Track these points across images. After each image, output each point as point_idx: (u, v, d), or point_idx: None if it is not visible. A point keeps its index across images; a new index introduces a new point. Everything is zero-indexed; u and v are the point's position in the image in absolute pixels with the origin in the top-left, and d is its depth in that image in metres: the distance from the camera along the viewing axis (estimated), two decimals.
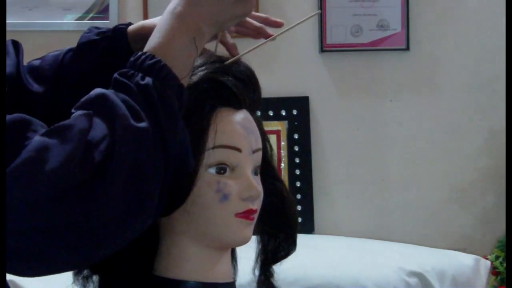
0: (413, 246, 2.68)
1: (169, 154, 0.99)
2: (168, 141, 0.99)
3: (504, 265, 2.66)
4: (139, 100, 0.99)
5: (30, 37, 2.77)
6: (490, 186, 2.89)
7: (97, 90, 1.00)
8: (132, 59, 1.04)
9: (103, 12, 2.80)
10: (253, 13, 1.31)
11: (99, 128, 0.95)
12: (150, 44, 1.06)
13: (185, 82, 1.05)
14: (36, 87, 1.30)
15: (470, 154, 2.90)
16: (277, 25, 1.29)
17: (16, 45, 1.33)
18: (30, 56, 1.42)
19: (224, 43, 1.28)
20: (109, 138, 0.95)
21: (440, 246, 2.74)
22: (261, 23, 1.29)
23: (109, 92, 0.99)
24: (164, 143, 0.99)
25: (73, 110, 0.99)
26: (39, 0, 2.77)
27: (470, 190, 2.90)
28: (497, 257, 2.72)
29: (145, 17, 2.79)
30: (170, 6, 1.08)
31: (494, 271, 2.69)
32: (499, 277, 2.70)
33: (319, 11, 1.32)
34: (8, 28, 1.30)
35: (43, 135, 0.93)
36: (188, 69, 1.06)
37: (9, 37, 1.28)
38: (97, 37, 1.29)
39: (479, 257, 2.61)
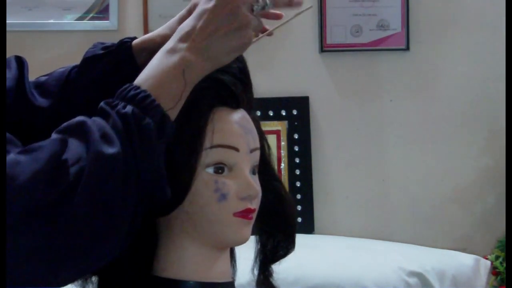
0: (413, 246, 2.68)
1: (142, 182, 1.00)
2: (143, 169, 1.00)
3: (504, 265, 2.66)
4: (118, 128, 1.00)
5: (30, 37, 2.78)
6: (490, 186, 2.89)
7: (78, 118, 1.02)
8: (119, 90, 1.06)
9: (103, 12, 2.80)
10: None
11: (74, 152, 0.97)
12: (139, 77, 1.07)
13: (172, 113, 1.05)
14: (41, 101, 1.31)
15: (470, 154, 2.90)
16: (276, 17, 1.29)
17: (20, 60, 1.34)
18: (30, 56, 1.42)
19: None
20: (82, 161, 0.96)
21: (440, 246, 2.73)
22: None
23: (88, 120, 1.01)
24: (138, 171, 1.00)
25: (53, 134, 1.01)
26: (39, 0, 2.77)
27: (470, 190, 2.90)
28: (497, 257, 2.71)
29: (145, 17, 2.79)
30: (163, 46, 1.10)
31: (494, 271, 2.69)
32: (499, 277, 2.70)
33: (311, 6, 1.31)
34: (8, 28, 1.30)
35: (17, 153, 0.95)
36: (175, 101, 1.06)
37: (9, 37, 1.29)
38: (102, 52, 1.30)
39: (479, 257, 2.60)
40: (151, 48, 1.28)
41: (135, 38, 1.30)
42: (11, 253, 0.92)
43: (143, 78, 1.07)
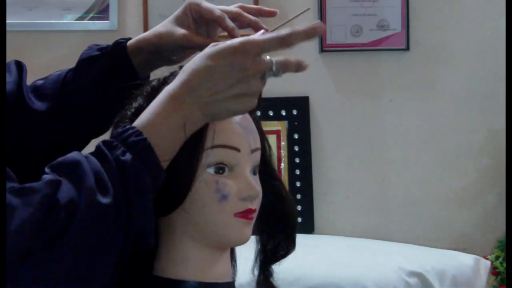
0: (413, 246, 2.68)
1: (131, 232, 1.00)
2: (133, 219, 1.00)
3: (504, 265, 2.66)
4: (114, 175, 0.99)
5: (30, 37, 2.78)
6: (490, 186, 2.89)
7: (73, 155, 1.01)
8: (119, 130, 1.04)
9: (103, 12, 2.80)
10: (246, 5, 1.30)
11: (66, 194, 0.96)
12: (141, 118, 1.05)
13: (165, 164, 1.05)
14: (38, 105, 1.31)
15: (470, 154, 2.90)
16: (272, 14, 1.29)
17: (20, 65, 1.35)
18: (30, 56, 1.43)
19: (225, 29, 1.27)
20: (72, 205, 0.96)
21: (440, 246, 2.74)
22: (254, 15, 1.28)
23: (83, 160, 1.00)
24: (128, 220, 0.99)
25: (46, 169, 1.00)
26: (39, 0, 2.77)
27: (470, 190, 2.90)
28: (497, 257, 2.72)
29: (145, 17, 2.79)
30: (170, 86, 1.07)
31: (494, 271, 2.69)
32: (499, 277, 2.70)
33: (309, 8, 1.31)
34: (8, 28, 1.31)
35: (10, 191, 0.95)
36: (172, 153, 1.06)
37: (9, 37, 1.29)
38: (98, 53, 1.30)
39: (479, 257, 2.60)
40: (147, 48, 1.28)
41: (130, 39, 1.30)
42: None
43: (144, 121, 1.05)
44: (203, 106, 1.05)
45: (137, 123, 1.05)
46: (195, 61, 1.06)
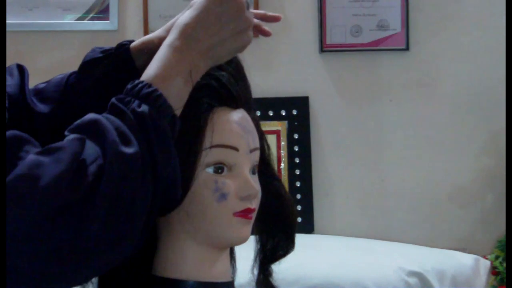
0: (413, 246, 2.68)
1: (158, 181, 1.01)
2: (159, 168, 1.01)
3: (504, 265, 2.66)
4: (134, 127, 1.00)
5: (30, 37, 2.78)
6: (490, 186, 2.89)
7: (90, 115, 1.02)
8: (129, 86, 1.05)
9: (103, 12, 2.80)
10: (251, 10, 1.31)
11: (91, 151, 0.97)
12: (148, 74, 1.07)
13: (178, 113, 1.06)
14: (40, 108, 1.32)
15: (470, 154, 2.90)
16: (276, 20, 1.30)
17: (21, 68, 1.35)
18: (30, 56, 1.43)
19: None
20: (99, 161, 0.96)
21: (440, 246, 2.74)
22: (258, 19, 1.29)
23: (102, 118, 1.01)
24: (155, 170, 1.00)
25: (66, 133, 1.01)
26: (39, 0, 2.78)
27: (470, 190, 2.90)
28: (497, 257, 2.72)
29: (145, 17, 2.79)
30: (168, 39, 1.10)
31: (493, 271, 2.69)
32: (498, 277, 2.70)
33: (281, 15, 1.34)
34: (8, 28, 1.31)
35: (37, 153, 0.95)
36: (182, 101, 1.07)
37: (9, 37, 1.29)
38: (101, 55, 1.31)
39: (478, 257, 2.61)
40: (150, 49, 1.28)
41: (133, 41, 1.31)
42: (36, 253, 0.92)
43: (151, 75, 1.07)
44: (204, 51, 1.08)
45: (144, 77, 1.07)
46: (186, 14, 1.11)
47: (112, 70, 1.29)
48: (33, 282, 0.94)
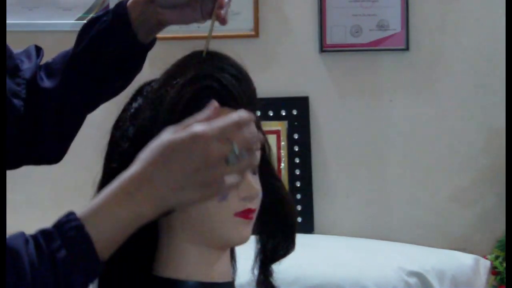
0: (413, 246, 2.68)
1: None
2: None
3: (504, 265, 2.66)
4: (46, 269, 0.96)
5: (30, 37, 2.77)
6: (490, 186, 2.89)
7: (13, 243, 0.98)
8: (63, 219, 0.99)
9: None
10: None
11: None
12: (88, 208, 1.00)
13: (106, 255, 0.99)
14: (47, 84, 1.34)
15: (470, 154, 2.90)
16: (221, 21, 1.26)
17: (39, 50, 1.38)
18: None
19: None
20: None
21: (440, 246, 2.74)
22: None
23: (23, 251, 0.97)
24: None
25: None
26: (39, 0, 2.77)
27: (470, 190, 2.90)
28: (496, 257, 2.72)
29: None
30: (124, 174, 1.00)
31: (493, 271, 2.69)
32: (498, 277, 2.70)
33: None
34: (8, 28, 1.31)
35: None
36: (116, 245, 1.00)
37: (9, 37, 1.30)
38: (99, 13, 1.34)
39: (478, 257, 2.61)
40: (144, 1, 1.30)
41: None
42: None
43: (89, 212, 0.99)
44: (157, 200, 0.98)
45: (83, 212, 0.99)
46: (151, 149, 0.99)
47: (107, 26, 1.31)
48: None
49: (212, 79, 1.13)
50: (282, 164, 2.81)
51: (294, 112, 2.83)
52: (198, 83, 1.12)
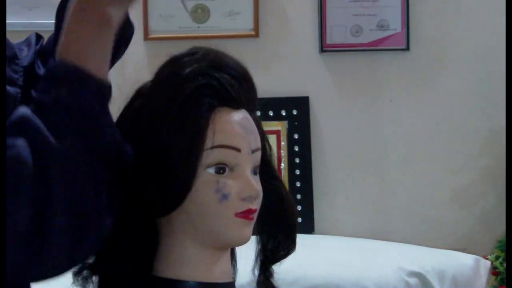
0: (413, 246, 2.68)
1: (101, 157, 1.00)
2: (96, 146, 0.99)
3: (504, 265, 2.66)
4: (58, 117, 0.98)
5: None
6: (490, 186, 2.89)
7: (20, 112, 0.99)
8: (47, 70, 1.02)
9: None
10: None
11: (24, 155, 0.95)
12: (60, 47, 1.03)
13: (106, 73, 1.03)
14: (42, 71, 1.32)
15: (470, 154, 2.90)
16: None
17: (39, 38, 1.36)
18: None
19: None
20: (37, 164, 0.95)
21: (440, 246, 2.74)
22: None
23: (30, 115, 0.98)
24: (92, 150, 0.99)
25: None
26: (39, 0, 2.77)
27: (470, 190, 2.90)
28: (497, 257, 2.71)
29: (145, 17, 2.79)
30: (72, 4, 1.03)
31: (494, 271, 2.69)
32: (499, 277, 2.70)
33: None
34: (8, 28, 1.31)
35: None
36: (105, 61, 1.03)
37: (9, 37, 1.30)
38: None
39: (479, 257, 2.61)
40: None
41: None
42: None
43: (63, 47, 1.02)
44: None
45: (59, 51, 1.03)
46: None
47: None
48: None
49: (211, 78, 1.13)
50: (282, 164, 2.81)
51: (294, 112, 2.83)
52: (196, 80, 1.12)
